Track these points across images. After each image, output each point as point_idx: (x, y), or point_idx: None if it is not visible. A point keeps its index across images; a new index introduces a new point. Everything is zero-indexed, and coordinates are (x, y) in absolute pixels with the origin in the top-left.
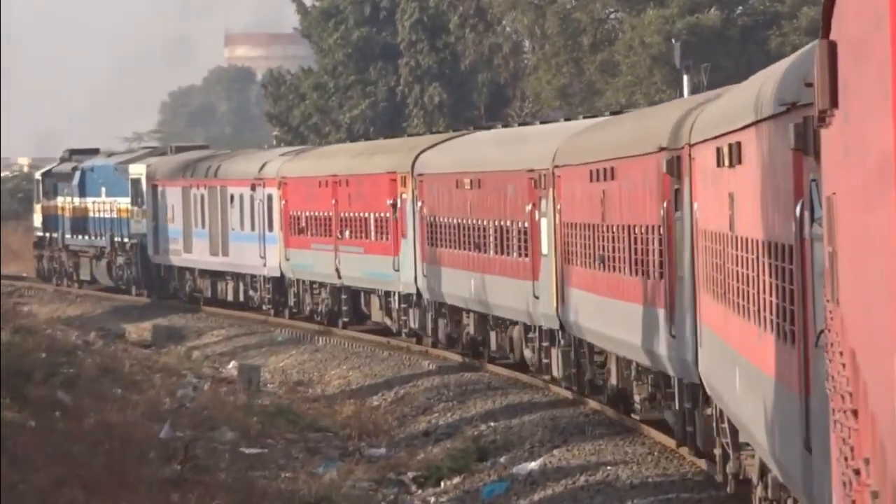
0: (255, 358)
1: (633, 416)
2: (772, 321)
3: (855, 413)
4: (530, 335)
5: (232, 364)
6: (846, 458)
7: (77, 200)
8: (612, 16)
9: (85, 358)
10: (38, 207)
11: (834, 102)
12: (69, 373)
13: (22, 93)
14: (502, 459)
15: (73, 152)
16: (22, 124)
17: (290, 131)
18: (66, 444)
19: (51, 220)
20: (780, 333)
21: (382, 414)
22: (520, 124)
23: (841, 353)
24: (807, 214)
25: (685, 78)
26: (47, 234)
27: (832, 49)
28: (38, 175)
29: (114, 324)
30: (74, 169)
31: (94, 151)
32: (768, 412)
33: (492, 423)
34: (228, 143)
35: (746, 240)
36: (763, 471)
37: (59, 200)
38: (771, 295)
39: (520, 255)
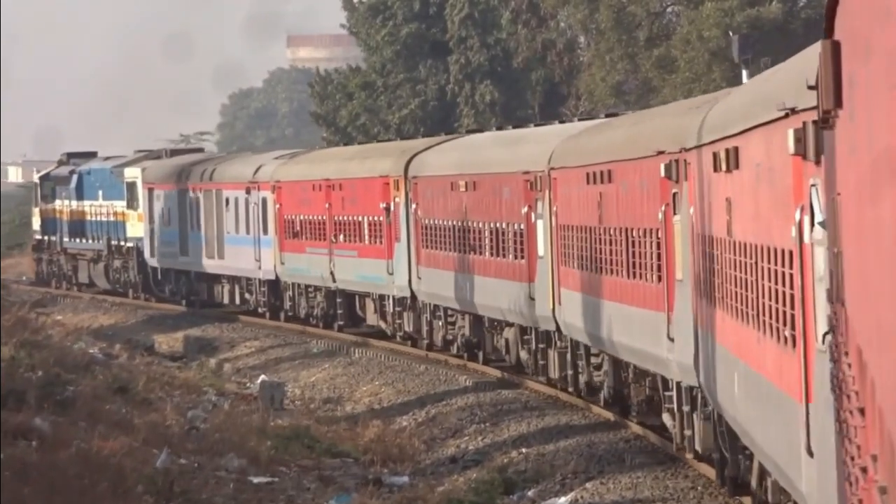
0: (287, 371)
1: (630, 418)
2: (771, 325)
3: (862, 411)
4: (526, 337)
5: (261, 378)
6: (852, 458)
7: (74, 204)
8: (668, 9)
9: (97, 374)
10: (36, 211)
11: (838, 103)
12: (70, 392)
13: (28, 92)
14: (530, 493)
15: (71, 156)
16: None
17: (337, 132)
18: (33, 479)
19: (49, 224)
20: (780, 338)
21: (409, 437)
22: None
23: (847, 354)
24: (806, 219)
25: (744, 73)
26: (46, 238)
27: (836, 49)
28: (36, 178)
29: (146, 334)
30: (72, 172)
31: (92, 155)
32: (768, 416)
33: (524, 449)
34: (289, 145)
35: (744, 244)
36: (762, 474)
37: (58, 204)
38: (770, 299)
39: (516, 257)
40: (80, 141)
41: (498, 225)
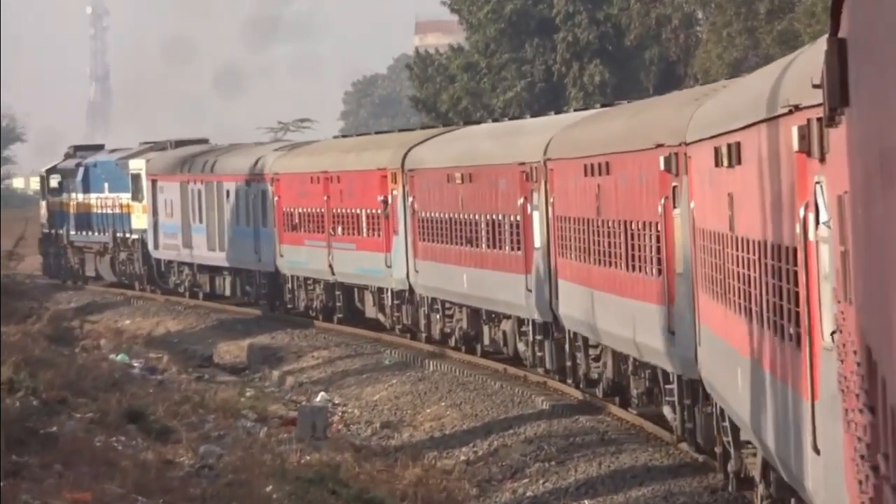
0: (351, 388)
1: (629, 410)
2: (775, 322)
3: (872, 409)
4: (523, 329)
5: (320, 396)
6: (862, 457)
7: (81, 197)
8: None
9: (110, 399)
10: (43, 204)
11: (844, 100)
12: (74, 420)
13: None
14: None
15: (78, 148)
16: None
17: (438, 117)
18: None
19: (56, 217)
20: (785, 335)
21: (458, 478)
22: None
23: (855, 352)
24: (811, 217)
25: None
26: (52, 231)
27: (842, 47)
28: (42, 172)
29: (213, 341)
30: (78, 165)
31: (100, 147)
32: (772, 413)
33: (587, 502)
34: None
35: (747, 240)
36: (766, 470)
37: (64, 197)
38: (774, 296)
39: (512, 248)
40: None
41: (494, 217)
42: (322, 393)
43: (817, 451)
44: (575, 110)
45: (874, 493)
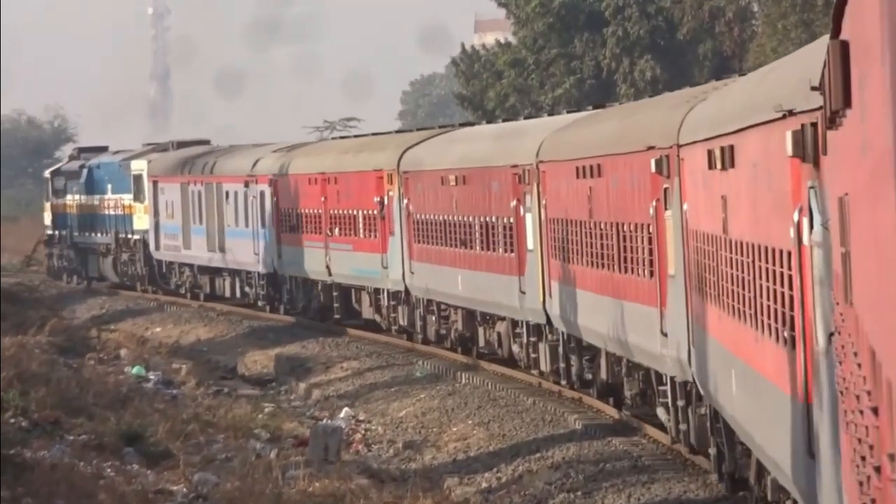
0: (378, 402)
1: (623, 411)
2: (769, 325)
3: (875, 410)
4: (518, 330)
5: (344, 412)
6: (863, 458)
7: (84, 198)
8: None
9: (109, 417)
10: (47, 206)
11: (847, 102)
12: (59, 446)
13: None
14: None
15: (82, 150)
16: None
17: (484, 115)
18: None
19: (60, 219)
20: (779, 338)
21: None
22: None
23: (855, 354)
24: (805, 221)
25: None
26: (56, 232)
27: (844, 49)
28: (46, 174)
29: (243, 350)
30: (82, 167)
31: (103, 149)
32: (767, 416)
33: None
34: None
35: (741, 243)
36: (760, 471)
37: (68, 198)
38: (768, 299)
39: (506, 250)
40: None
41: (488, 219)
42: (346, 409)
43: (812, 455)
44: (567, 112)
45: (877, 495)
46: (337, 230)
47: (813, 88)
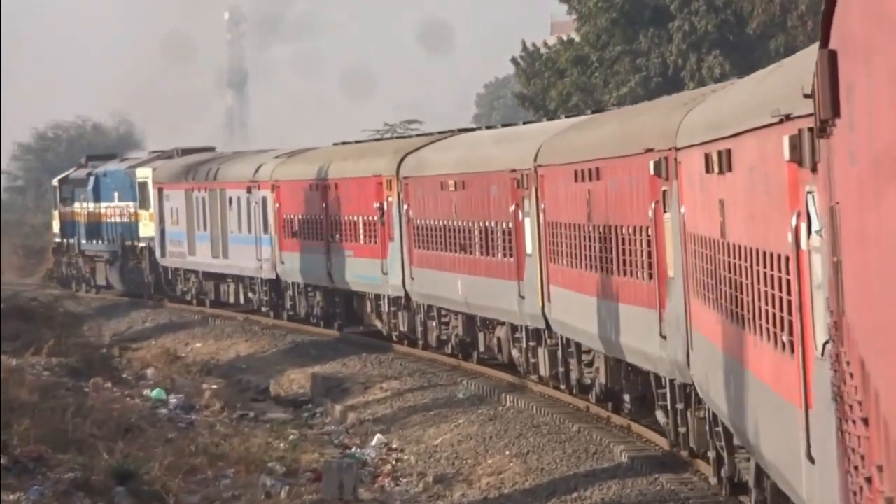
0: (415, 428)
1: (622, 415)
2: (768, 330)
3: (865, 421)
4: (517, 335)
5: (376, 439)
6: (856, 467)
7: (91, 206)
8: None
9: (102, 452)
10: (55, 214)
11: (836, 112)
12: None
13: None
14: None
15: (90, 158)
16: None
17: (546, 115)
18: None
19: (68, 226)
20: (778, 343)
21: None
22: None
23: (848, 363)
24: (803, 226)
25: None
26: (64, 240)
27: (832, 58)
28: (55, 182)
29: (282, 368)
30: (89, 175)
31: (112, 157)
32: (766, 420)
33: None
34: None
35: (739, 247)
36: (759, 475)
37: (76, 206)
38: (766, 304)
39: (505, 255)
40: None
41: (487, 224)
42: (379, 435)
43: (811, 460)
44: (566, 116)
45: None
46: (338, 236)
47: (805, 96)
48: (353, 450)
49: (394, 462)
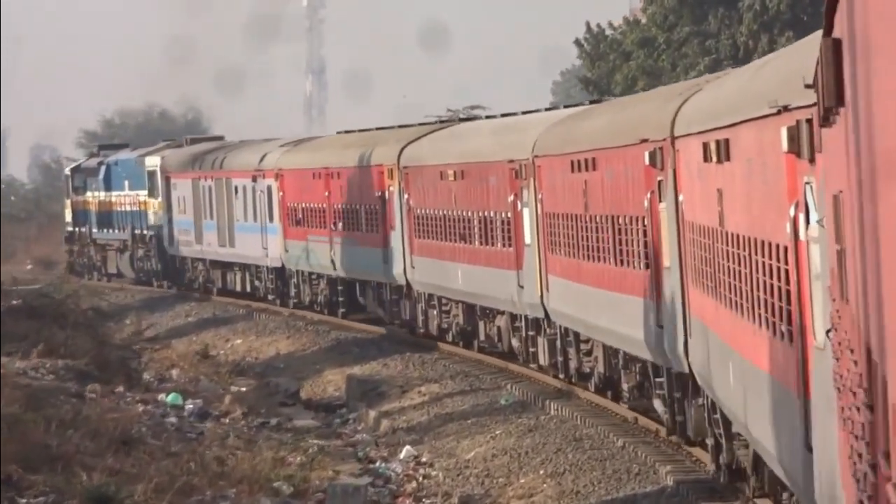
0: (449, 438)
1: (621, 404)
2: (767, 319)
3: (870, 408)
4: (517, 324)
5: (405, 451)
6: (860, 455)
7: (103, 194)
8: None
9: (79, 472)
10: (68, 203)
11: (840, 101)
12: None
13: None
14: None
15: (102, 147)
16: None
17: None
18: None
19: (80, 215)
20: (777, 332)
21: None
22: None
23: (851, 351)
24: (801, 216)
25: None
26: (76, 229)
27: (836, 47)
28: (67, 171)
29: (320, 367)
30: (100, 164)
31: (124, 146)
32: (765, 409)
33: None
34: None
35: (738, 236)
36: (757, 462)
37: (88, 195)
38: (765, 293)
39: (504, 245)
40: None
41: (486, 213)
42: (408, 447)
43: (810, 449)
44: (565, 106)
45: (873, 492)
46: (340, 224)
47: (807, 86)
48: (378, 464)
49: (420, 479)
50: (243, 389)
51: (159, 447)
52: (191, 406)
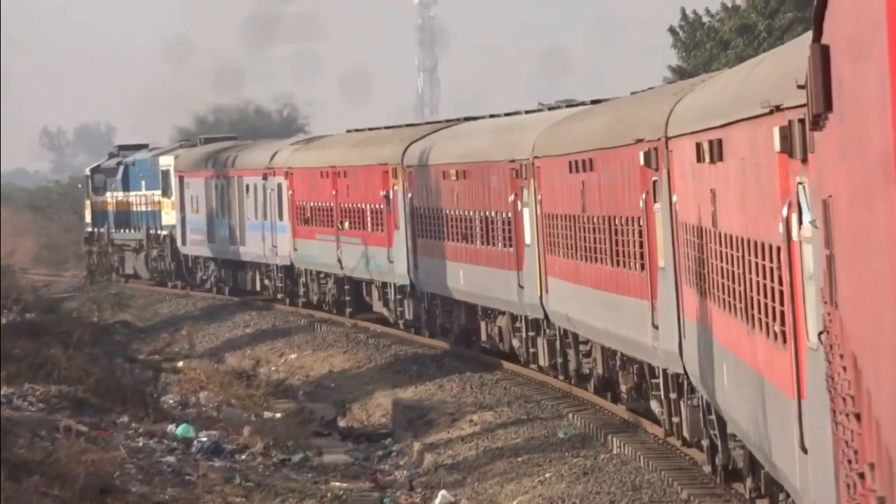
0: (493, 480)
1: (619, 405)
2: (761, 320)
3: (858, 417)
4: (517, 325)
5: (440, 497)
6: (850, 461)
7: (120, 195)
8: None
9: None
10: (87, 203)
11: (828, 105)
12: None
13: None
14: None
15: (122, 148)
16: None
17: None
18: None
19: (99, 216)
20: (771, 333)
21: None
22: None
23: (841, 356)
24: (794, 217)
25: None
26: (95, 230)
27: (825, 53)
28: (87, 171)
29: (372, 387)
30: (119, 164)
31: (143, 146)
32: (759, 410)
33: None
34: None
35: (731, 237)
36: (753, 463)
37: (107, 196)
38: (759, 294)
39: (504, 245)
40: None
41: (487, 214)
42: (443, 492)
43: (805, 450)
44: (567, 106)
45: (861, 502)
46: (347, 224)
47: (800, 87)
48: None
49: None
50: (277, 416)
51: (143, 496)
52: (205, 439)
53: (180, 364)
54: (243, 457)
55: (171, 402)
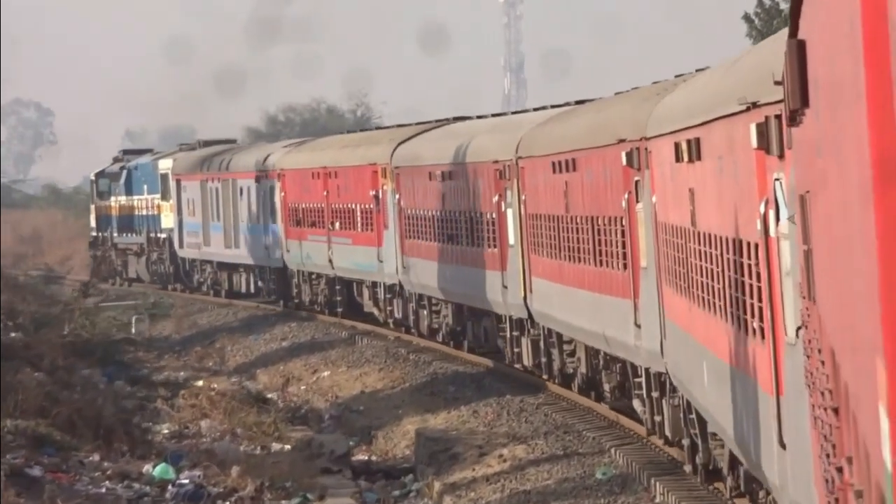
0: None
1: (603, 404)
2: (739, 317)
3: (836, 411)
4: (502, 325)
5: None
6: (828, 456)
7: (123, 199)
8: None
9: None
10: (92, 208)
11: (805, 101)
12: None
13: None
14: None
15: (126, 153)
16: None
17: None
18: None
19: (103, 220)
20: (749, 330)
21: None
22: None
23: (819, 351)
24: (771, 213)
25: None
26: (99, 234)
27: (801, 49)
28: (91, 176)
29: (402, 411)
30: (122, 168)
31: (147, 151)
32: (739, 407)
33: None
34: None
35: (709, 235)
36: (733, 462)
37: (111, 200)
38: (737, 291)
39: (489, 246)
40: None
41: (472, 214)
42: None
43: (783, 446)
44: (552, 106)
45: (840, 495)
46: (338, 224)
47: (777, 83)
48: None
49: None
50: (286, 448)
51: None
52: (185, 481)
53: (199, 383)
54: (233, 501)
55: (165, 432)
